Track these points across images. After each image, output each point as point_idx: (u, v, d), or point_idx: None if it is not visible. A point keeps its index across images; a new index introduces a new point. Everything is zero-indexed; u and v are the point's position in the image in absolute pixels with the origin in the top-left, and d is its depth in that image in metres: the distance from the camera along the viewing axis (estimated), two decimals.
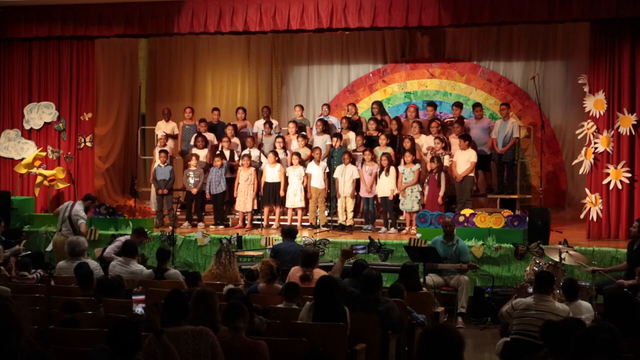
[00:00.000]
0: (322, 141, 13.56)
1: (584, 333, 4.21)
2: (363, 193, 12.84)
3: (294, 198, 13.08)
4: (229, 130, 13.88)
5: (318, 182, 12.98)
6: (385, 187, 12.59)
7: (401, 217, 12.89)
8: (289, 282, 7.70)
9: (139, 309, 5.15)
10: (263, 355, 5.37)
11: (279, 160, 13.17)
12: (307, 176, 13.04)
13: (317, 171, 13.00)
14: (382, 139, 12.95)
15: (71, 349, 5.83)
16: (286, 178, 13.07)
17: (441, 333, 3.71)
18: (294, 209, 13.20)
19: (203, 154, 13.72)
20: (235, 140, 13.93)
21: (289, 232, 10.42)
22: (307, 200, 13.21)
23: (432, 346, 3.65)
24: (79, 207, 11.53)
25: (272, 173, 13.11)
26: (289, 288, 7.25)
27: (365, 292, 7.04)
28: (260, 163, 13.50)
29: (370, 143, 13.26)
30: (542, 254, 10.50)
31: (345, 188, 12.78)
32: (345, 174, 12.78)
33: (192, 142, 13.96)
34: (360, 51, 16.10)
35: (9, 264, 9.94)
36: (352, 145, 13.47)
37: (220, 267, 8.79)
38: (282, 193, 13.03)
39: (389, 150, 12.91)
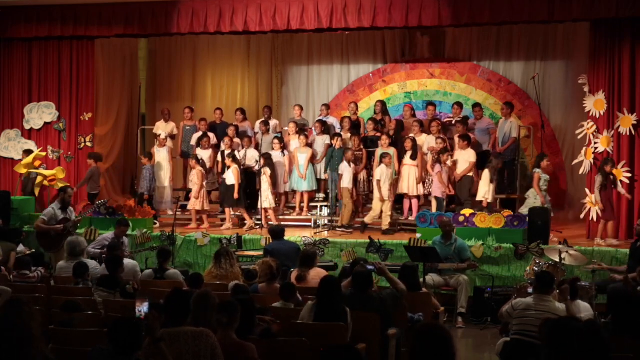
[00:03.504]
0: (322, 141, 13.55)
1: (579, 331, 4.25)
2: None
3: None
4: (231, 131, 13.87)
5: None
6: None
7: (401, 219, 12.89)
8: (286, 282, 7.71)
9: (142, 309, 5.13)
10: (251, 357, 5.34)
11: (235, 162, 12.97)
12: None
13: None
14: (384, 140, 12.93)
15: (71, 349, 5.84)
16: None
17: (432, 331, 3.77)
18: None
19: (207, 154, 13.71)
20: (237, 140, 13.92)
21: (275, 233, 10.38)
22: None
23: (425, 343, 3.70)
24: (50, 206, 11.55)
25: (229, 175, 12.95)
26: (285, 288, 7.25)
27: (358, 290, 7.02)
28: (257, 162, 13.48)
29: (368, 143, 13.25)
30: (542, 254, 10.50)
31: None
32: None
33: (192, 142, 13.96)
34: (360, 51, 16.08)
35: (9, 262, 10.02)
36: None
37: (221, 270, 8.79)
38: (236, 195, 12.91)
39: (392, 150, 12.90)
